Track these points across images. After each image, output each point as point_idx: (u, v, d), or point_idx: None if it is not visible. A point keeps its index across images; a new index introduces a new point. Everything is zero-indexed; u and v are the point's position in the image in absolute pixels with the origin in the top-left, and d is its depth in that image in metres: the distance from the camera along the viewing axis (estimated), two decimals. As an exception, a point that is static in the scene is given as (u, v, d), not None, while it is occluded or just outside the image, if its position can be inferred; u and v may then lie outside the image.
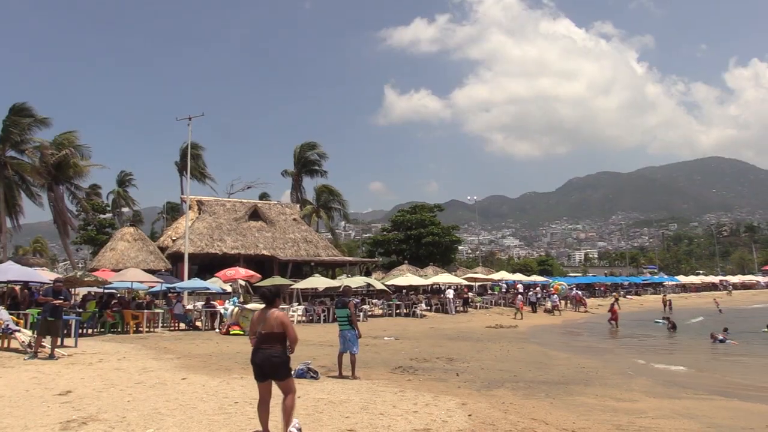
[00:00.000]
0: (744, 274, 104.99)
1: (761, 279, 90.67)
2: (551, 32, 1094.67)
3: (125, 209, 70.86)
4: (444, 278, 42.08)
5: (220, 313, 25.32)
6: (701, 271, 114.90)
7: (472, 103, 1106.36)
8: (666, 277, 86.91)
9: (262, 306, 7.01)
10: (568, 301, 44.89)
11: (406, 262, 50.00)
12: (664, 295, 52.72)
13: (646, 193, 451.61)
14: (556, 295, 41.81)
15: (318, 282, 34.04)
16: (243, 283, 31.68)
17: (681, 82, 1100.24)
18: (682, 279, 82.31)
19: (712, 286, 78.87)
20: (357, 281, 33.63)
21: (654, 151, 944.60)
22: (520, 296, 39.80)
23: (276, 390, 6.65)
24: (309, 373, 11.71)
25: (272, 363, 6.52)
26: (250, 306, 25.03)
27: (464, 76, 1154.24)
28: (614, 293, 56.45)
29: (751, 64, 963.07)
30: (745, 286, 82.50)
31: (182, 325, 25.57)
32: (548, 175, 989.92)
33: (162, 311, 26.19)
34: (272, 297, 6.95)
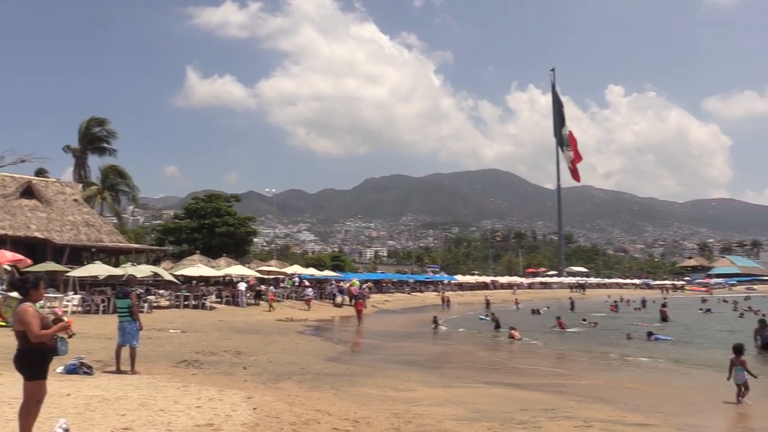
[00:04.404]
0: (511, 275, 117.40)
1: (524, 280, 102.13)
2: (360, 35, 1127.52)
3: None
4: (237, 270, 41.37)
5: (-23, 302, 22.34)
6: (476, 272, 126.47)
7: (277, 94, 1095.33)
8: (446, 276, 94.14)
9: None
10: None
11: (197, 252, 48.28)
12: (443, 293, 57.14)
13: (434, 198, 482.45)
14: (310, 289, 41.65)
15: (98, 270, 31.57)
16: (8, 267, 28.27)
17: (471, 98, 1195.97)
18: (460, 278, 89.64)
19: (484, 286, 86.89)
20: (143, 270, 31.77)
21: (443, 159, 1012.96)
22: (272, 288, 40.20)
23: (50, 389, 6.02)
24: (82, 369, 10.85)
25: (16, 363, 5.71)
26: (15, 294, 22.45)
27: (272, 67, 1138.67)
28: (364, 287, 58.85)
29: (528, 89, 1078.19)
30: (511, 286, 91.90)
31: (-74, 315, 22.13)
32: (347, 173, 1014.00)
33: None
34: (26, 288, 5.79)
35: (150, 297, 30.93)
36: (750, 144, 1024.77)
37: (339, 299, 42.63)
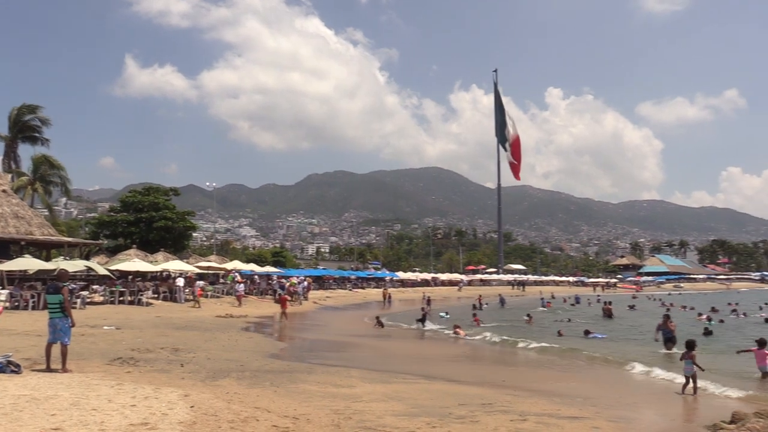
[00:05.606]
0: (451, 272, 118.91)
1: (464, 277, 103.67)
2: (305, 29, 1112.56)
3: None
4: (175, 265, 40.45)
5: None
6: (417, 269, 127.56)
7: (220, 87, 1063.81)
8: (388, 272, 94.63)
9: None
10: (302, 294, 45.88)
11: (134, 246, 47.03)
12: (385, 289, 57.42)
13: (377, 195, 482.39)
14: (241, 285, 40.64)
15: (28, 264, 30.42)
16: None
17: (415, 96, 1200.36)
18: (401, 275, 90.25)
19: (425, 282, 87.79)
20: (76, 264, 30.75)
21: (386, 156, 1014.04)
22: (199, 282, 39.54)
23: None
24: (9, 367, 10.40)
25: None
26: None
27: (214, 58, 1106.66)
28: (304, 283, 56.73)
29: (471, 89, 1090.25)
30: (452, 283, 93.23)
31: None
32: (289, 168, 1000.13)
33: None
34: None
35: (83, 292, 29.99)
36: (679, 148, 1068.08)
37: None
